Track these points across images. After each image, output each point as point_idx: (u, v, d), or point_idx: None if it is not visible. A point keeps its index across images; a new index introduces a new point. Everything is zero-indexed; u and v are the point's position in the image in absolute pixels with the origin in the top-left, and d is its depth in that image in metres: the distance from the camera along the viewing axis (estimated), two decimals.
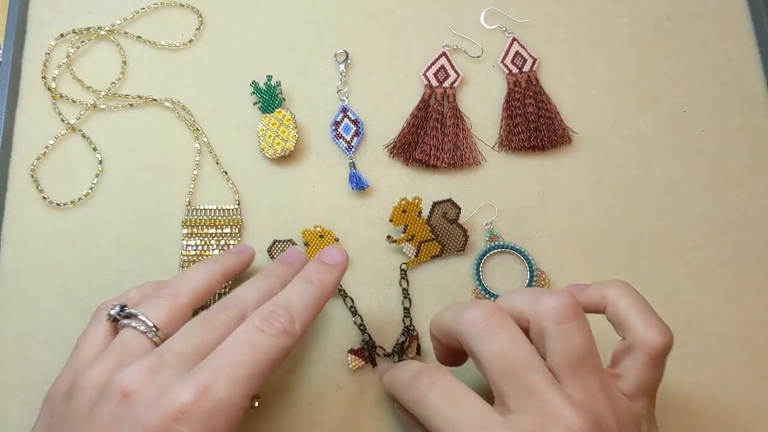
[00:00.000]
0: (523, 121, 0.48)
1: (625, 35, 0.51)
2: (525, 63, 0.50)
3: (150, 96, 0.49)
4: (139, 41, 0.50)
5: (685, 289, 0.45)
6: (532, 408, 0.30)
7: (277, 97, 0.48)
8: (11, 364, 0.43)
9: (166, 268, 0.45)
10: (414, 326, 0.44)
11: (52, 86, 0.48)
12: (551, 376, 0.31)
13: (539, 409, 0.30)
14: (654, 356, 0.33)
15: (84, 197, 0.46)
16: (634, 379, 0.33)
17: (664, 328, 0.34)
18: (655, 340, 0.33)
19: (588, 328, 0.33)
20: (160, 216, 0.46)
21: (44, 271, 0.45)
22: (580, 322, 0.32)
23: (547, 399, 0.30)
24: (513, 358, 0.31)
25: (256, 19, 0.51)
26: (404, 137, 0.48)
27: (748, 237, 0.46)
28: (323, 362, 0.43)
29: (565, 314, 0.32)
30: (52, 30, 0.50)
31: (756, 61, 0.51)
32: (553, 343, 0.32)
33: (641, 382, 0.33)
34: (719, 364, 0.44)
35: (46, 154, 0.47)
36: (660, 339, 0.33)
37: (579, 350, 0.32)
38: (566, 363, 0.32)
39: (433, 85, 0.49)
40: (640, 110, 0.49)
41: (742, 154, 0.48)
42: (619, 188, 0.48)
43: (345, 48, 0.50)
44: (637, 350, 0.33)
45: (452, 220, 0.45)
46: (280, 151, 0.47)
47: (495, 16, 0.51)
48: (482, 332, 0.32)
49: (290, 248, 0.44)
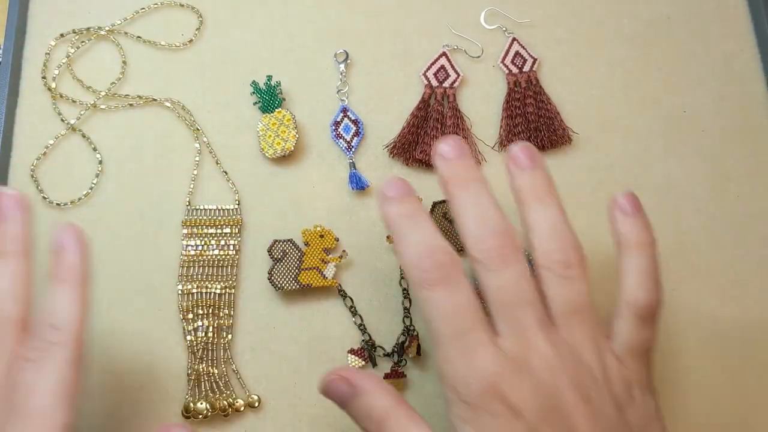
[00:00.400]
0: (523, 121, 0.48)
1: (625, 35, 0.51)
2: (525, 63, 0.50)
3: (150, 96, 0.49)
4: (139, 41, 0.50)
5: (685, 289, 0.45)
6: (519, 342, 0.32)
7: (277, 97, 0.48)
8: None
9: (166, 268, 0.45)
10: (414, 326, 0.44)
11: (52, 86, 0.48)
12: (545, 319, 0.32)
13: (525, 344, 0.32)
14: (638, 315, 0.33)
15: (84, 197, 0.46)
16: (623, 339, 0.33)
17: (653, 288, 0.34)
18: (641, 299, 0.34)
19: (587, 282, 0.33)
20: (160, 216, 0.46)
21: (44, 271, 0.44)
22: (580, 272, 0.33)
23: (534, 338, 0.32)
24: (512, 295, 0.32)
25: (256, 19, 0.51)
26: (404, 137, 0.48)
27: (748, 237, 0.46)
28: (323, 362, 0.43)
29: (568, 263, 0.33)
30: (52, 30, 0.50)
31: (756, 61, 0.51)
32: (549, 288, 0.33)
33: (629, 342, 0.33)
34: (719, 364, 0.44)
35: (46, 154, 0.47)
36: (645, 297, 0.34)
37: (576, 300, 0.33)
38: (560, 309, 0.33)
39: (433, 85, 0.49)
40: (640, 110, 0.49)
41: (742, 154, 0.48)
42: (619, 188, 0.47)
43: (345, 48, 0.50)
44: (623, 308, 0.34)
45: (452, 220, 0.45)
46: (280, 151, 0.47)
47: (495, 16, 0.51)
48: (490, 263, 0.33)
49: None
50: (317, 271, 0.44)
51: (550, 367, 0.31)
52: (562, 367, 0.31)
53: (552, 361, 0.31)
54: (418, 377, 0.43)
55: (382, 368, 0.43)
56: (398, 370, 0.42)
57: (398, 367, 0.43)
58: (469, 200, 0.34)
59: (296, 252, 0.44)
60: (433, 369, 0.43)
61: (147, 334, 0.43)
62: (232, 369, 0.43)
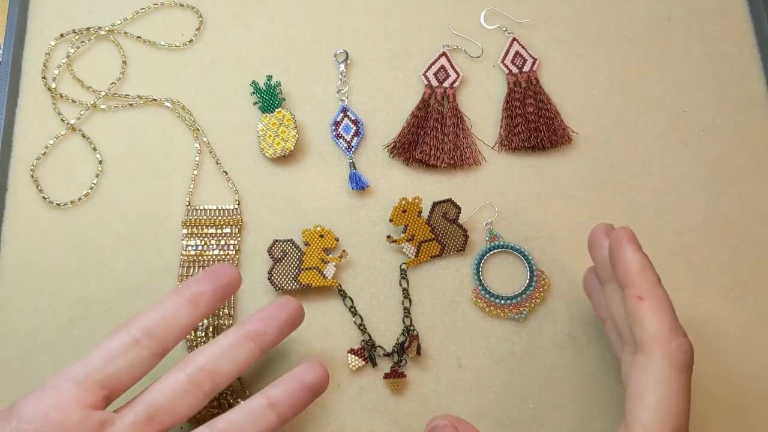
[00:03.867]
0: (523, 121, 0.48)
1: (625, 35, 0.51)
2: (525, 63, 0.50)
3: (150, 96, 0.49)
4: (139, 41, 0.50)
5: (685, 289, 0.45)
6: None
7: (277, 97, 0.48)
8: (11, 364, 0.43)
9: (166, 268, 0.45)
10: (414, 326, 0.44)
11: (52, 86, 0.48)
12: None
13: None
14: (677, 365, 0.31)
15: (84, 197, 0.46)
16: (654, 402, 0.31)
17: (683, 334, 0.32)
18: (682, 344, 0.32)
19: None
20: (160, 216, 0.46)
21: (44, 271, 0.45)
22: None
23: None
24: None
25: (256, 19, 0.51)
26: (404, 137, 0.48)
27: (748, 237, 0.46)
28: (323, 362, 0.43)
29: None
30: (52, 30, 0.50)
31: (756, 61, 0.51)
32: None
33: (664, 407, 0.31)
34: (719, 364, 0.44)
35: (46, 154, 0.47)
36: (686, 343, 0.32)
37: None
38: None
39: (433, 85, 0.49)
40: (640, 110, 0.49)
41: (742, 154, 0.48)
42: (619, 188, 0.48)
43: (345, 48, 0.50)
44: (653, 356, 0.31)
45: (452, 220, 0.45)
46: (280, 151, 0.47)
47: (495, 16, 0.51)
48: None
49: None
50: (317, 271, 0.44)
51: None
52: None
53: None
54: (418, 377, 0.43)
55: (382, 368, 0.43)
56: (398, 370, 0.42)
57: (398, 367, 0.43)
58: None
59: (296, 252, 0.44)
60: (433, 369, 0.43)
61: None
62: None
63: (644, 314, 0.32)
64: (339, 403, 0.42)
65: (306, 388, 0.36)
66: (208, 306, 0.37)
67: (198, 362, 0.35)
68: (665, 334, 0.31)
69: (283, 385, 0.36)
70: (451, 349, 0.43)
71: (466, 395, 0.43)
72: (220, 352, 0.36)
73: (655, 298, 0.32)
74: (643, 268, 0.32)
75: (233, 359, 0.36)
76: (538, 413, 0.42)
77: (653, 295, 0.32)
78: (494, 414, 0.42)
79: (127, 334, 0.35)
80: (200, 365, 0.35)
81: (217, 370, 0.35)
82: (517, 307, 0.44)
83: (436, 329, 0.44)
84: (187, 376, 0.35)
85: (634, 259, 0.33)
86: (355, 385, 0.43)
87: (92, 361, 0.34)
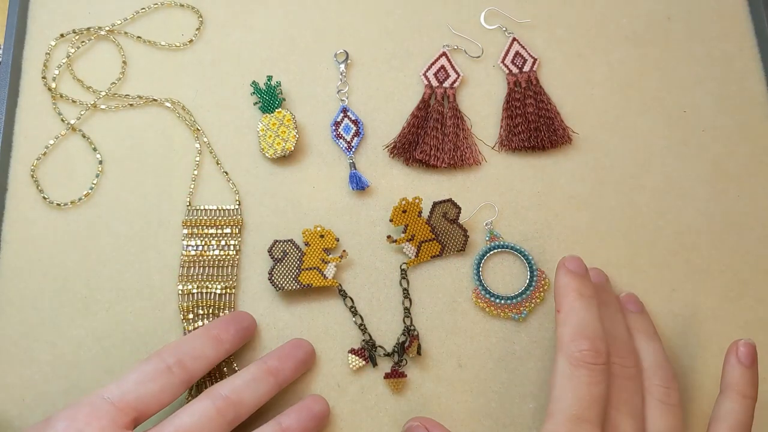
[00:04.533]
0: (523, 121, 0.48)
1: (625, 35, 0.51)
2: (525, 63, 0.50)
3: (150, 96, 0.49)
4: (139, 41, 0.50)
5: (685, 289, 0.45)
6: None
7: (277, 97, 0.48)
8: (11, 364, 0.43)
9: (166, 268, 0.45)
10: (414, 326, 0.44)
11: (52, 86, 0.48)
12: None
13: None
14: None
15: (84, 197, 0.46)
16: (557, 394, 0.36)
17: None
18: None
19: (682, 409, 0.39)
20: (160, 216, 0.46)
21: (44, 271, 0.45)
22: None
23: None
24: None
25: (256, 19, 0.51)
26: (404, 137, 0.48)
27: (748, 237, 0.46)
28: (323, 362, 0.43)
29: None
30: (52, 30, 0.50)
31: (756, 61, 0.51)
32: (650, 411, 0.38)
33: (564, 398, 0.36)
34: (719, 364, 0.44)
35: (46, 154, 0.47)
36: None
37: (672, 425, 0.38)
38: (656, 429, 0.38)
39: (433, 85, 0.49)
40: (640, 110, 0.49)
41: (742, 154, 0.48)
42: (619, 188, 0.48)
43: (345, 48, 0.50)
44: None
45: (452, 220, 0.45)
46: (280, 151, 0.47)
47: (495, 16, 0.51)
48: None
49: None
50: (317, 271, 0.44)
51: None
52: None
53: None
54: (418, 377, 0.43)
55: (382, 368, 0.43)
56: (398, 370, 0.42)
57: (398, 367, 0.43)
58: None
59: (296, 252, 0.44)
60: (433, 369, 0.43)
61: (147, 334, 0.43)
62: (233, 368, 0.43)
63: (557, 323, 0.38)
64: (340, 403, 0.42)
65: (314, 417, 0.40)
66: (231, 344, 0.41)
67: (223, 392, 0.37)
68: (567, 338, 0.37)
69: (294, 413, 0.39)
70: (452, 349, 0.43)
71: (466, 395, 0.43)
72: (244, 384, 0.38)
73: (566, 310, 0.38)
74: (564, 287, 0.38)
75: (255, 391, 0.38)
76: (538, 413, 0.42)
77: (564, 308, 0.38)
78: (494, 414, 0.42)
79: (160, 361, 0.37)
80: (225, 395, 0.37)
81: (240, 400, 0.37)
82: (517, 307, 0.44)
83: (437, 329, 0.44)
84: (213, 404, 0.37)
85: (559, 281, 0.39)
86: (356, 385, 0.43)
87: (126, 383, 0.36)
